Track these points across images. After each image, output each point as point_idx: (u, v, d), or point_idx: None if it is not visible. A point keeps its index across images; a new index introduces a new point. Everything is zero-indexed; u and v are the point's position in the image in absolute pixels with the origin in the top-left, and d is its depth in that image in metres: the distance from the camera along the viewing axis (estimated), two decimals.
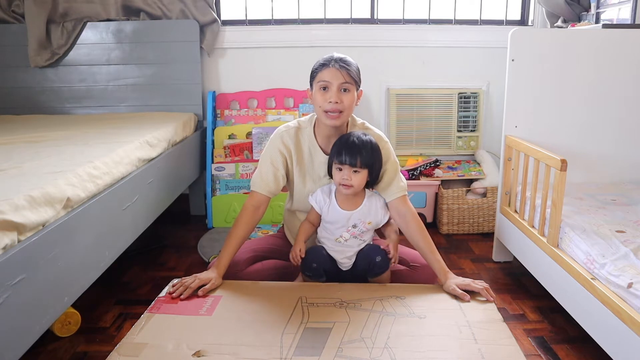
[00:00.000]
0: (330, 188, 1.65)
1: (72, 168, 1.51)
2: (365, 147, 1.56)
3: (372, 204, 1.64)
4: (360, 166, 1.55)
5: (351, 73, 1.57)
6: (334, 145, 1.59)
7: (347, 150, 1.54)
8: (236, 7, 3.01)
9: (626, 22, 2.40)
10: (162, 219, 2.20)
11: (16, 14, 2.83)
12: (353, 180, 1.55)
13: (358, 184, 1.57)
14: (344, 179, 1.55)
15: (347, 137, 1.58)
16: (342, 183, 1.56)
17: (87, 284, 1.51)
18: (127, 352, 1.22)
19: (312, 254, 1.62)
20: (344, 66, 1.56)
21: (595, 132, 2.24)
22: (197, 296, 1.47)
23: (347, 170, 1.55)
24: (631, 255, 1.45)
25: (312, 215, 1.67)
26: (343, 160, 1.54)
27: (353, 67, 1.60)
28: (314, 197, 1.66)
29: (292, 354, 1.20)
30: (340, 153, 1.55)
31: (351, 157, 1.54)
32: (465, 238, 2.69)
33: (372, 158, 1.58)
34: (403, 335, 1.29)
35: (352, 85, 1.58)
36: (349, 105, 1.58)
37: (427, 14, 3.00)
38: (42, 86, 2.88)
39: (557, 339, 1.71)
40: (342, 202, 1.62)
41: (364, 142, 1.57)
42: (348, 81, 1.56)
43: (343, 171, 1.56)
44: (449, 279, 1.56)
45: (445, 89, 2.93)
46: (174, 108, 2.84)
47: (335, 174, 1.58)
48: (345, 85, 1.56)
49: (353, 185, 1.56)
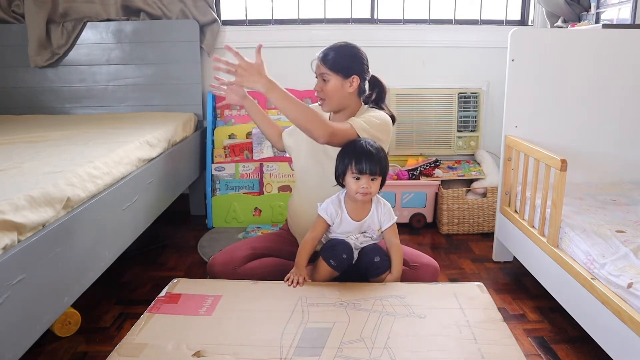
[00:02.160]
0: (340, 198, 1.65)
1: (72, 168, 1.51)
2: (380, 154, 1.58)
3: (380, 209, 1.65)
4: (378, 173, 1.57)
5: (328, 64, 1.68)
6: (347, 154, 1.59)
7: (366, 158, 1.55)
8: (236, 7, 3.01)
9: (626, 22, 2.40)
10: (162, 219, 2.20)
11: (16, 14, 2.83)
12: (372, 187, 1.57)
13: (375, 190, 1.59)
14: (364, 187, 1.56)
15: (362, 146, 1.58)
16: (361, 192, 1.57)
17: (87, 284, 1.51)
18: (127, 352, 1.22)
19: (342, 245, 1.61)
20: (323, 58, 1.69)
21: (595, 132, 2.24)
22: (197, 296, 1.47)
23: (366, 178, 1.56)
24: (631, 255, 1.45)
25: (319, 228, 1.65)
26: (363, 169, 1.55)
27: (335, 57, 1.68)
28: (325, 209, 1.64)
29: (292, 354, 1.20)
30: (360, 162, 1.55)
31: (371, 165, 1.55)
32: (465, 238, 2.69)
33: (386, 165, 1.61)
34: (403, 335, 1.29)
35: (330, 75, 1.69)
36: (328, 93, 1.70)
37: (427, 14, 3.00)
38: (42, 86, 2.88)
39: (557, 339, 1.71)
40: (352, 210, 1.63)
41: (378, 149, 1.59)
42: (324, 72, 1.69)
43: (361, 180, 1.56)
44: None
45: (445, 89, 2.93)
46: (174, 108, 2.85)
47: (352, 183, 1.58)
48: (323, 75, 1.70)
49: (371, 193, 1.58)
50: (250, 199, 2.76)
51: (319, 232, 1.65)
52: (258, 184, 2.79)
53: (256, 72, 1.55)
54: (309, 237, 1.65)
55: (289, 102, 1.56)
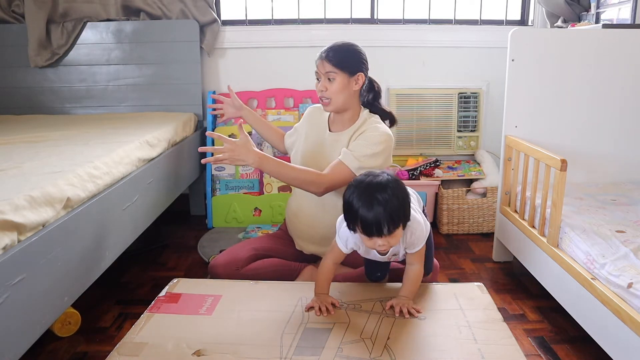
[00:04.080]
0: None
1: (72, 168, 1.51)
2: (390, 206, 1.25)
3: (407, 239, 1.39)
4: (396, 227, 1.28)
5: (334, 63, 1.67)
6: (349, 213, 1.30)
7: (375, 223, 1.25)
8: (236, 7, 3.01)
9: (626, 22, 2.40)
10: (162, 219, 2.20)
11: (16, 14, 2.83)
12: (391, 242, 1.30)
13: (397, 241, 1.32)
14: (381, 246, 1.30)
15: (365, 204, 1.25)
16: (379, 250, 1.35)
17: (87, 284, 1.51)
18: (127, 352, 1.22)
19: (375, 266, 1.56)
20: (327, 56, 1.68)
21: (595, 132, 2.24)
22: (197, 296, 1.47)
23: (380, 238, 1.28)
24: (631, 255, 1.45)
25: (337, 254, 1.45)
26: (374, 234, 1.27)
27: (340, 56, 1.68)
28: (344, 242, 1.42)
29: (292, 354, 1.20)
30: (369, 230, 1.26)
31: (383, 228, 1.25)
32: (465, 238, 2.69)
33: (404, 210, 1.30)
34: (403, 336, 1.29)
35: (336, 74, 1.67)
36: (333, 92, 1.68)
37: (427, 14, 3.00)
38: (42, 86, 2.88)
39: (557, 339, 1.71)
40: None
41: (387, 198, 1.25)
42: (330, 70, 1.67)
43: (374, 240, 1.28)
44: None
45: (445, 89, 2.93)
46: (174, 108, 2.84)
47: (365, 240, 1.31)
48: (329, 74, 1.68)
49: (392, 245, 1.33)
50: (250, 199, 2.76)
51: (336, 258, 1.46)
52: (258, 184, 2.79)
53: (243, 149, 1.54)
54: (330, 262, 1.46)
55: (282, 169, 1.61)
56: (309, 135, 1.85)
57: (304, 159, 1.82)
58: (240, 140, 1.55)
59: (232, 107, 2.04)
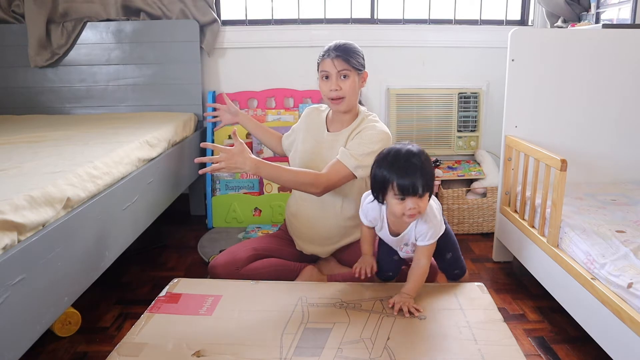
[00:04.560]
0: (382, 209, 1.51)
1: (72, 168, 1.51)
2: (425, 166, 1.37)
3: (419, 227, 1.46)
4: (427, 190, 1.36)
5: (347, 61, 1.68)
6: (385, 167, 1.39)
7: (412, 175, 1.34)
8: (236, 7, 3.00)
9: (626, 22, 2.40)
10: (162, 219, 2.20)
11: (16, 14, 2.83)
12: (421, 206, 1.37)
13: (425, 208, 1.39)
14: (411, 209, 1.36)
15: (404, 157, 1.37)
16: (409, 214, 1.38)
17: (87, 284, 1.51)
18: (127, 352, 1.22)
19: (387, 265, 1.62)
20: (340, 55, 1.68)
21: (595, 132, 2.24)
22: (197, 296, 1.47)
23: (412, 200, 1.35)
24: (631, 255, 1.45)
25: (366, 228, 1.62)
26: (409, 189, 1.33)
27: (350, 54, 1.69)
28: (365, 214, 1.55)
29: (292, 354, 1.20)
30: (404, 180, 1.33)
31: (418, 183, 1.33)
32: (465, 238, 2.69)
33: (433, 175, 1.41)
34: (403, 336, 1.29)
35: (349, 72, 1.69)
36: (348, 90, 1.70)
37: (427, 14, 3.00)
38: (42, 86, 2.88)
39: (557, 339, 1.71)
40: (393, 224, 1.52)
41: (422, 159, 1.38)
42: (345, 68, 1.69)
43: (407, 201, 1.35)
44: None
45: (445, 89, 2.93)
46: (174, 108, 2.84)
47: (395, 204, 1.37)
48: (343, 72, 1.69)
49: (421, 212, 1.39)
50: (250, 199, 2.76)
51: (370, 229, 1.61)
52: (258, 184, 2.79)
53: (239, 157, 1.56)
54: (364, 227, 1.61)
55: (279, 173, 1.62)
56: (307, 136, 1.86)
57: (303, 159, 1.82)
58: (236, 148, 1.56)
59: (228, 114, 2.09)
